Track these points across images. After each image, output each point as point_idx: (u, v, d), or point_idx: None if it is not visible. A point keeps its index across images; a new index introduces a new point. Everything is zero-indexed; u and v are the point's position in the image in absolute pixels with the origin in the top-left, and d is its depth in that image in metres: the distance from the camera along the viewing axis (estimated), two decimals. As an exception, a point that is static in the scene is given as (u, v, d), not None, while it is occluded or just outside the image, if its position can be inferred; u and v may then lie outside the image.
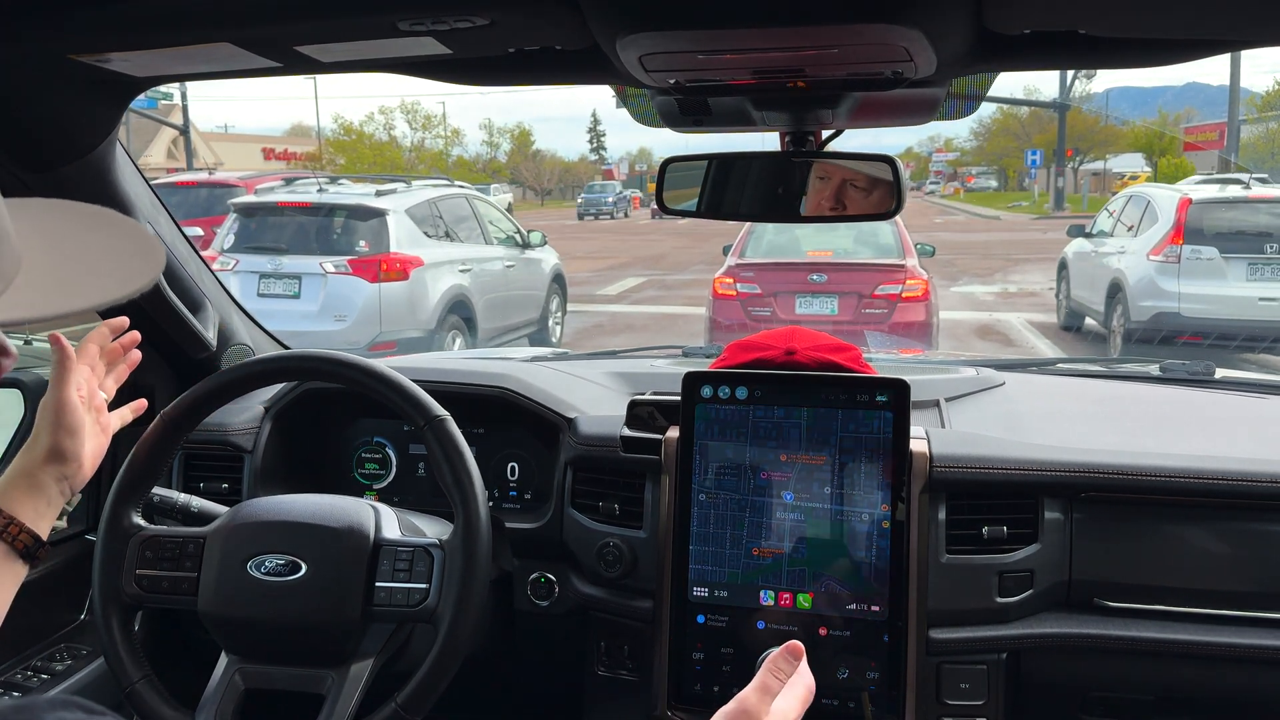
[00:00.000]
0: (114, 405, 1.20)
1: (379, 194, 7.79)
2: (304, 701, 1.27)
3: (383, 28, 1.00)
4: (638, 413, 1.53)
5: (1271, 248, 7.90)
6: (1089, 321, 9.75)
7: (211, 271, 1.84)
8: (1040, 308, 11.47)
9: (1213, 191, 8.57)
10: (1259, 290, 7.82)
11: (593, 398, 1.76)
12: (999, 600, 1.41)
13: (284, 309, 7.16)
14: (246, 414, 1.73)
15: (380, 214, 7.52)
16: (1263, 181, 8.68)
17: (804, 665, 0.91)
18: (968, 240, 22.25)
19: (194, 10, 1.00)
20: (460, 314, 7.91)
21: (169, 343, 1.73)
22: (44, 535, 1.09)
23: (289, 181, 8.55)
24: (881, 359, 2.20)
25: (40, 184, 1.34)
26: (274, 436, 1.72)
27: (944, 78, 1.21)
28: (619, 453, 1.54)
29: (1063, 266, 10.51)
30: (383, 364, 1.35)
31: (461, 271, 8.02)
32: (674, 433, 1.47)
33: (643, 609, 1.50)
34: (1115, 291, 8.65)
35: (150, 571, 1.30)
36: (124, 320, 1.22)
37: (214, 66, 1.17)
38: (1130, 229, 9.06)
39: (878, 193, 1.39)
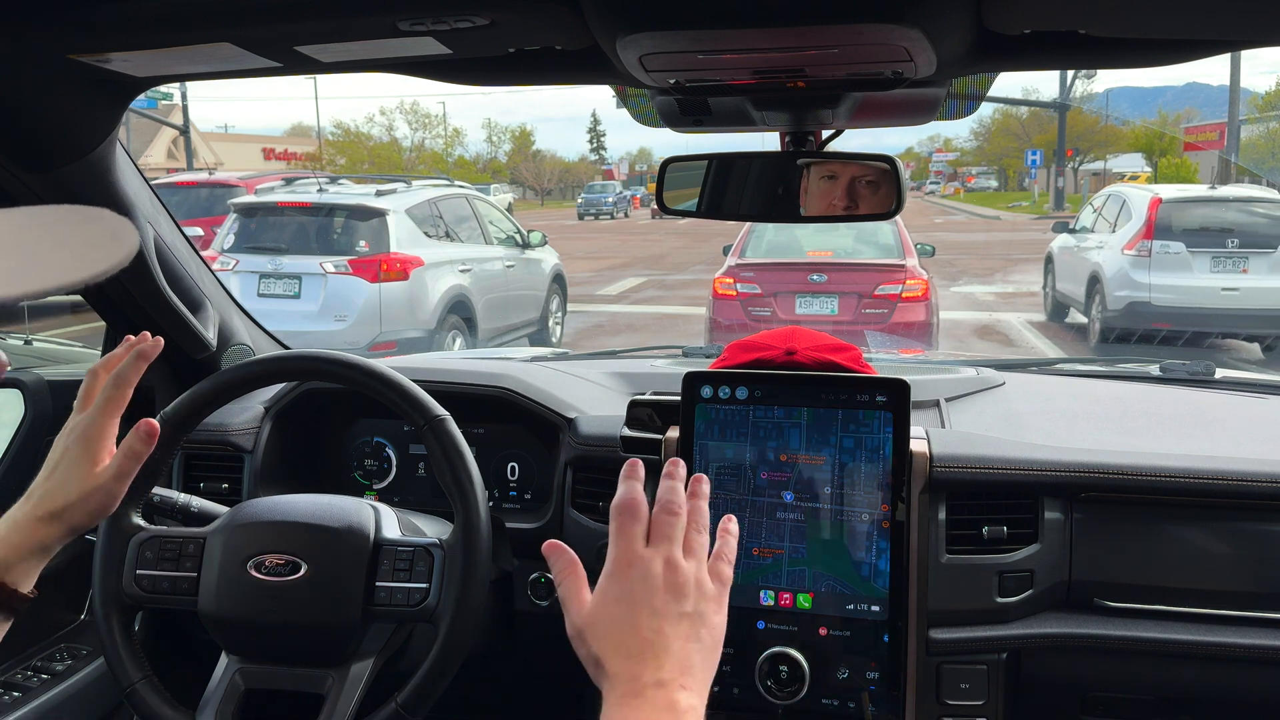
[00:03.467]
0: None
1: (379, 194, 7.79)
2: (305, 701, 1.27)
3: (383, 28, 1.00)
4: (637, 413, 1.53)
5: (1232, 242, 8.64)
6: (1072, 312, 10.28)
7: (211, 271, 1.84)
8: (1040, 308, 11.47)
9: (1181, 191, 9.44)
10: (1221, 281, 8.57)
11: (593, 398, 1.76)
12: (999, 600, 1.41)
13: (284, 309, 7.16)
14: (246, 414, 1.73)
15: (380, 214, 7.52)
16: None
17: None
18: (968, 240, 22.24)
19: (194, 10, 1.00)
20: (460, 314, 7.90)
21: (169, 343, 1.72)
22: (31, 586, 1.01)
23: (289, 181, 8.53)
24: (881, 359, 2.21)
25: (40, 184, 1.34)
26: (274, 436, 1.72)
27: (944, 78, 1.21)
28: (619, 453, 1.54)
29: (1049, 260, 11.12)
30: (383, 364, 1.35)
31: (461, 271, 8.02)
32: (674, 433, 1.47)
33: (643, 609, 1.50)
34: (1094, 283, 9.32)
35: (150, 572, 1.30)
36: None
37: (214, 66, 1.17)
38: (1110, 225, 9.68)
39: (878, 192, 1.39)
